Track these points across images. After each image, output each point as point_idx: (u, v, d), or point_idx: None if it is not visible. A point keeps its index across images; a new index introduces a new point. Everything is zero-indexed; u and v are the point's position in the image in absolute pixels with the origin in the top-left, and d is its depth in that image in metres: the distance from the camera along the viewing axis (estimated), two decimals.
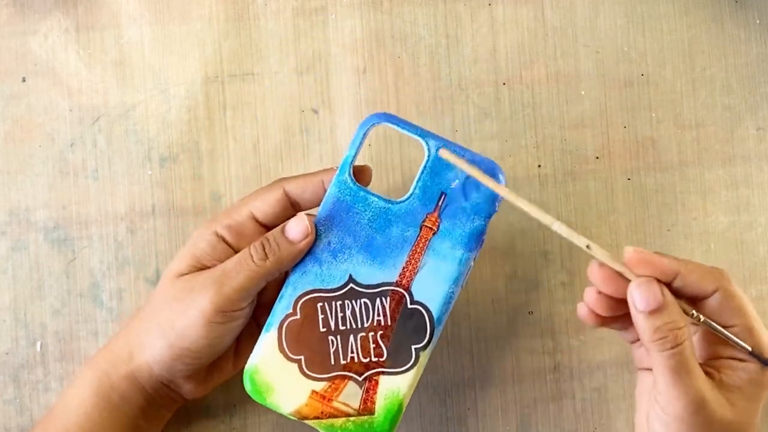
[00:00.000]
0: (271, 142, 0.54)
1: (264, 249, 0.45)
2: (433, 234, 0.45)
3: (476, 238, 0.46)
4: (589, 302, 0.44)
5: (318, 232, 0.46)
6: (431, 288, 0.45)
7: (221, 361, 0.49)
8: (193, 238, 0.47)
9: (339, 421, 0.45)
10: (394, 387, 0.45)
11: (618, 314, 0.44)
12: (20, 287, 0.53)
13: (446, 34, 0.54)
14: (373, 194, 0.46)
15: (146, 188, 0.53)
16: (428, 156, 0.46)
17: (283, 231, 0.45)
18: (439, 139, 0.46)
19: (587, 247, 0.43)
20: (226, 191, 0.53)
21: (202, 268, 0.46)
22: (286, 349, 0.45)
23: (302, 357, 0.45)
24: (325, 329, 0.45)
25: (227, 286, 0.45)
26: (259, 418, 0.53)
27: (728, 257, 0.54)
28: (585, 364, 0.53)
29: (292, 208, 0.47)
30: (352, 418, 0.45)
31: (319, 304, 0.45)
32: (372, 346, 0.45)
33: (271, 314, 0.46)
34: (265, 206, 0.47)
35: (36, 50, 0.54)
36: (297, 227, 0.45)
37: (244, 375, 0.45)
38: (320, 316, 0.45)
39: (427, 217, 0.46)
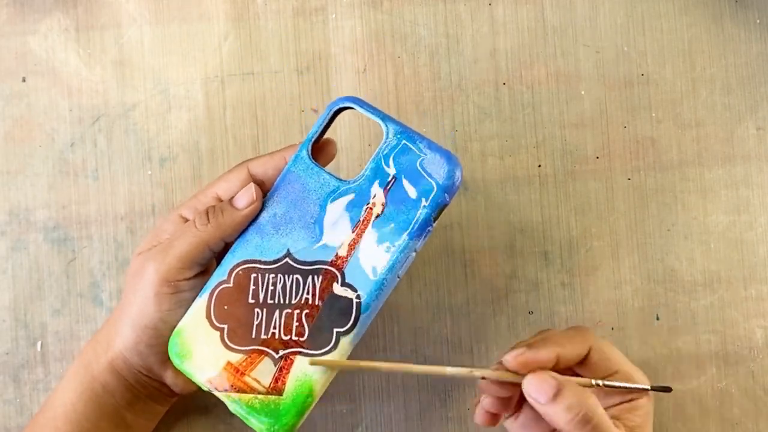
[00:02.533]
0: (271, 142, 0.54)
1: (207, 215, 0.45)
2: (377, 217, 0.44)
3: (420, 227, 0.44)
4: (487, 407, 0.46)
5: (267, 203, 0.45)
6: (364, 272, 0.44)
7: None
8: (158, 221, 0.47)
9: (246, 398, 0.43)
10: (308, 370, 0.43)
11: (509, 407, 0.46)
12: (20, 287, 0.53)
13: (446, 34, 0.54)
14: (327, 172, 0.45)
15: (146, 188, 0.53)
16: (386, 139, 0.44)
17: (230, 200, 0.45)
18: (399, 124, 0.45)
19: (482, 378, 0.44)
20: None
21: None
22: (213, 317, 0.44)
23: (226, 326, 0.44)
24: (253, 301, 0.44)
25: (170, 254, 0.44)
26: None
27: (728, 257, 0.54)
28: None
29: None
30: (259, 397, 0.43)
31: (253, 275, 0.44)
32: (295, 324, 0.44)
33: (209, 280, 0.45)
34: (231, 186, 0.46)
35: (36, 50, 0.54)
36: (242, 195, 0.45)
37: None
38: (251, 287, 0.44)
39: (373, 198, 0.44)
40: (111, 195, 0.53)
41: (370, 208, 0.44)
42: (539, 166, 0.54)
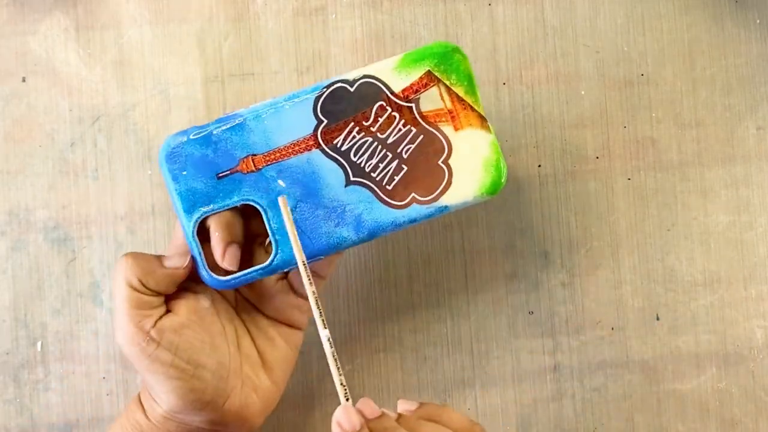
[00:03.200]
0: None
1: (138, 277, 0.45)
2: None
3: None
4: None
5: None
6: None
7: (236, 382, 0.47)
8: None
9: None
10: None
11: None
12: (20, 287, 0.53)
13: (446, 34, 0.54)
14: (244, 276, 0.46)
15: (146, 188, 0.53)
16: (262, 209, 0.46)
17: (164, 257, 0.46)
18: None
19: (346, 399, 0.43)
20: None
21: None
22: None
23: None
24: None
25: (117, 317, 0.45)
26: None
27: (728, 257, 0.54)
28: (585, 364, 0.53)
29: None
30: None
31: None
32: None
33: None
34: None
35: (36, 50, 0.54)
36: (175, 258, 0.46)
37: None
38: None
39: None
40: (111, 195, 0.53)
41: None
42: (539, 166, 0.54)
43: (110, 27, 0.54)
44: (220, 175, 0.46)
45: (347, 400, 0.42)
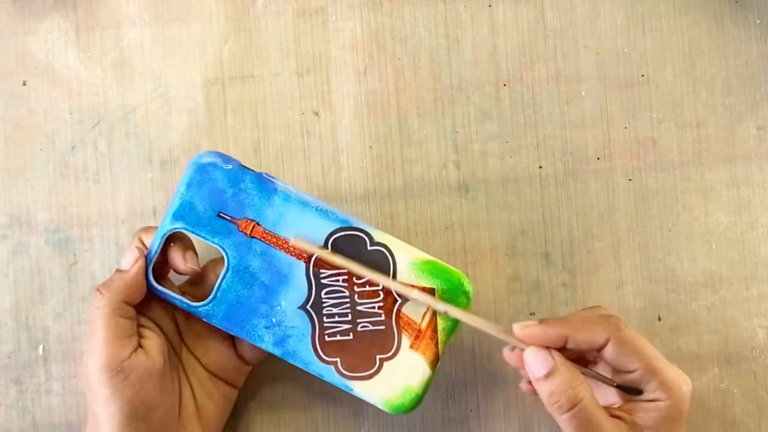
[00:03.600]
0: (272, 145, 0.54)
1: (100, 291, 0.46)
2: None
3: None
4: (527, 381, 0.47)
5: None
6: None
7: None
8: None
9: None
10: None
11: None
12: (22, 291, 0.53)
13: (446, 36, 0.54)
14: (176, 298, 0.47)
15: (147, 191, 0.53)
16: (227, 264, 0.47)
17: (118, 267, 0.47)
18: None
19: (504, 331, 0.45)
20: None
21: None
22: None
23: None
24: None
25: (95, 347, 0.45)
26: (261, 417, 0.53)
27: (729, 257, 0.54)
28: None
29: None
30: None
31: None
32: None
33: None
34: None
35: (36, 52, 0.54)
36: (125, 257, 0.47)
37: None
38: None
39: None
40: (112, 198, 0.53)
41: None
42: (540, 167, 0.54)
43: (110, 29, 0.54)
44: (221, 215, 0.47)
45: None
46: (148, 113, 0.54)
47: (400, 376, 0.47)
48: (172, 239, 0.47)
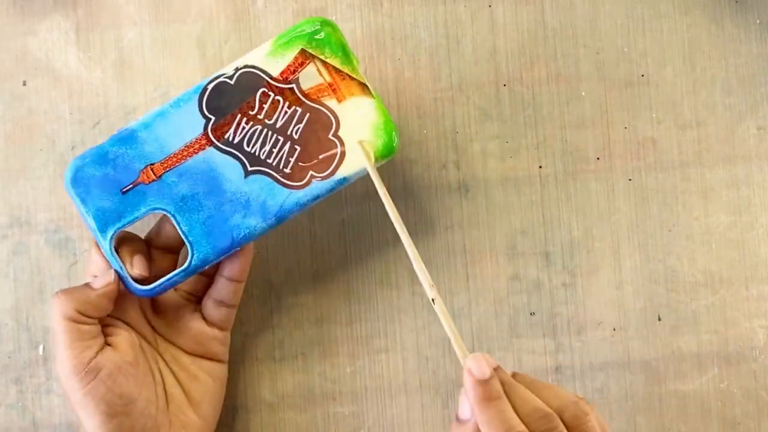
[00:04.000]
0: None
1: (58, 296, 0.45)
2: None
3: None
4: None
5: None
6: None
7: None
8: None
9: None
10: None
11: None
12: (22, 290, 0.53)
13: (446, 36, 0.54)
14: (171, 280, 0.47)
15: None
16: (169, 212, 0.47)
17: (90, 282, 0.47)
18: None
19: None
20: None
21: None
22: None
23: None
24: None
25: (59, 349, 0.45)
26: (261, 419, 0.53)
27: (729, 257, 0.54)
28: (587, 365, 0.53)
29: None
30: None
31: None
32: None
33: None
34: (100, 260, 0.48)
35: (36, 52, 0.54)
36: (100, 278, 0.46)
37: None
38: None
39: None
40: None
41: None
42: (540, 167, 0.54)
43: (110, 29, 0.54)
44: (124, 189, 0.47)
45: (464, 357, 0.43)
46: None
47: (359, 128, 0.47)
48: (119, 244, 0.47)
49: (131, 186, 0.47)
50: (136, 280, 0.47)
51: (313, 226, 0.54)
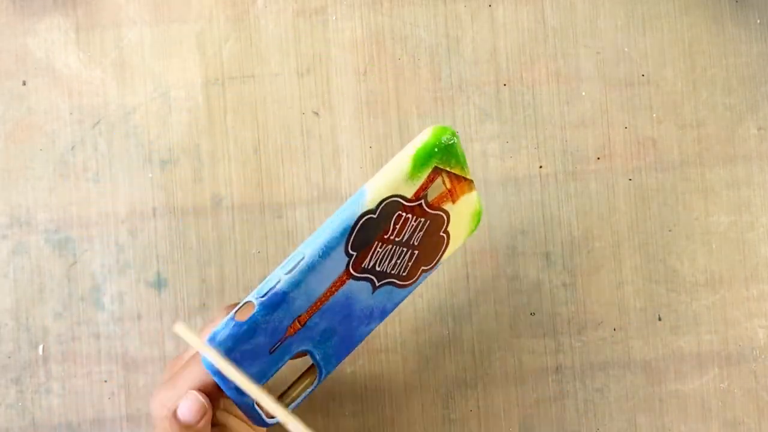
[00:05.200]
0: (272, 144, 0.54)
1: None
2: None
3: None
4: None
5: None
6: None
7: None
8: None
9: None
10: None
11: None
12: (22, 291, 0.53)
13: (446, 35, 0.54)
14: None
15: (147, 191, 0.53)
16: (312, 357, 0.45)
17: (174, 415, 0.40)
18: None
19: None
20: (226, 193, 0.53)
21: None
22: None
23: None
24: None
25: None
26: None
27: (730, 257, 0.54)
28: (587, 365, 0.53)
29: None
30: None
31: None
32: None
33: None
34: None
35: (36, 52, 0.54)
36: (189, 409, 0.41)
37: None
38: None
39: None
40: (112, 198, 0.53)
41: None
42: (540, 166, 0.54)
43: (110, 29, 0.54)
44: (272, 349, 0.43)
45: None
46: (148, 113, 0.54)
47: (464, 220, 0.46)
48: None
49: (279, 344, 0.43)
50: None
51: (313, 226, 0.53)
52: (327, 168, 0.54)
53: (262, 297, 0.42)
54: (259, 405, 0.42)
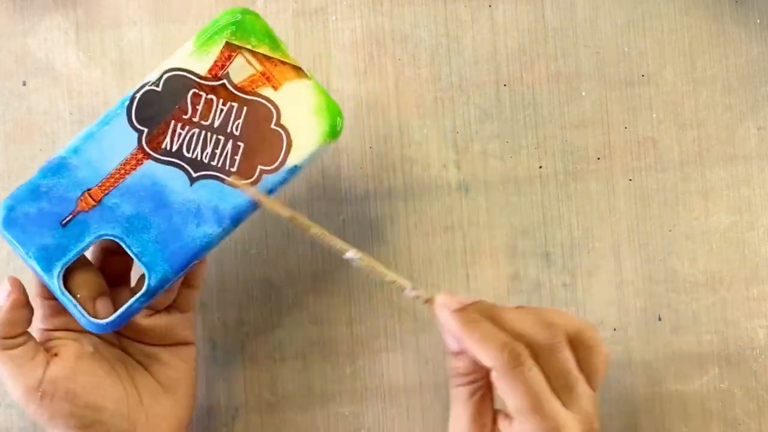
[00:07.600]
0: None
1: None
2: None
3: None
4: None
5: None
6: None
7: None
8: None
9: None
10: None
11: None
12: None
13: (447, 36, 0.54)
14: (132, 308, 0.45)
15: None
16: (117, 238, 0.45)
17: None
18: None
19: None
20: None
21: None
22: None
23: None
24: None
25: (3, 381, 0.44)
26: (261, 419, 0.53)
27: (730, 257, 0.54)
28: None
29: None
30: None
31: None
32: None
33: None
34: None
35: (36, 52, 0.54)
36: None
37: None
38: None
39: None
40: None
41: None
42: (540, 167, 0.54)
43: (110, 29, 0.54)
44: (64, 221, 0.44)
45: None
46: None
47: (301, 113, 0.45)
48: (70, 281, 0.44)
49: (71, 217, 0.44)
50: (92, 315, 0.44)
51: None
52: (327, 168, 0.54)
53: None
54: (84, 306, 0.44)
